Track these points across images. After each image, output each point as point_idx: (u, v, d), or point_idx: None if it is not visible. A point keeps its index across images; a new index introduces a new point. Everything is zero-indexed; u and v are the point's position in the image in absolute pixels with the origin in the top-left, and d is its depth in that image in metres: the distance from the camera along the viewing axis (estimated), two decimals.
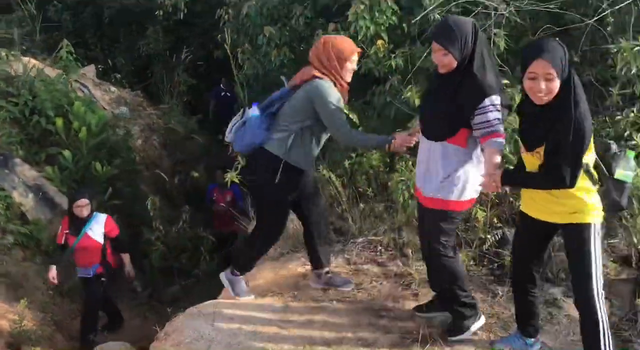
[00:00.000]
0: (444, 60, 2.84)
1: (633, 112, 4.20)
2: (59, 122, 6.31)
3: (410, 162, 4.49)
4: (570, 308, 3.57)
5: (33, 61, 7.63)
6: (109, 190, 6.35)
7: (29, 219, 5.96)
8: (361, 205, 4.76)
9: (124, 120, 8.07)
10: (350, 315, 3.51)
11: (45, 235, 5.96)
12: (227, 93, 9.61)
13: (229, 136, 3.56)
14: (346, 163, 4.87)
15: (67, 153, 6.20)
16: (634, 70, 3.97)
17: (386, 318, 3.48)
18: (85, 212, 5.22)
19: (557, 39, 4.85)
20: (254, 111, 3.46)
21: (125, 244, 5.68)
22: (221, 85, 9.69)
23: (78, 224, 5.25)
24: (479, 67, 2.83)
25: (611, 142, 2.91)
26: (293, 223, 4.82)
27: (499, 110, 2.81)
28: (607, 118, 4.39)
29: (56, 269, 5.33)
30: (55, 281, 5.35)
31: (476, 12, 4.75)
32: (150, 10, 10.84)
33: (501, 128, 2.83)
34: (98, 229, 5.31)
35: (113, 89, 9.29)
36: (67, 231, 5.30)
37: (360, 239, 4.47)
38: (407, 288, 3.85)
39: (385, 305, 3.62)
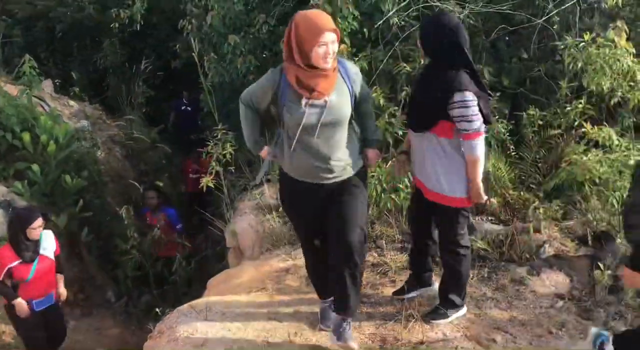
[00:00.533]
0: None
1: (581, 103, 4.57)
2: (26, 136, 6.28)
3: (379, 160, 4.74)
4: (535, 285, 3.88)
5: None
6: (80, 202, 6.36)
7: (0, 235, 5.92)
8: None
9: (89, 133, 8.05)
10: None
11: None
12: (188, 107, 9.50)
13: None
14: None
15: (35, 167, 6.17)
16: (580, 65, 4.33)
17: (367, 304, 3.69)
18: (39, 233, 4.56)
19: (508, 38, 5.22)
20: None
21: (61, 265, 4.97)
22: (183, 99, 9.59)
23: (31, 248, 4.56)
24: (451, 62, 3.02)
25: None
26: (269, 222, 5.02)
27: (468, 106, 2.94)
28: (557, 110, 4.75)
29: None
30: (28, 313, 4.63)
31: None
32: (103, 23, 10.80)
33: (477, 126, 2.97)
34: (50, 245, 4.71)
35: (72, 102, 9.23)
36: (16, 263, 4.49)
37: None
38: (384, 276, 4.07)
39: (365, 292, 3.83)
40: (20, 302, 4.58)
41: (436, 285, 3.60)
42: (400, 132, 4.82)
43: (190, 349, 3.16)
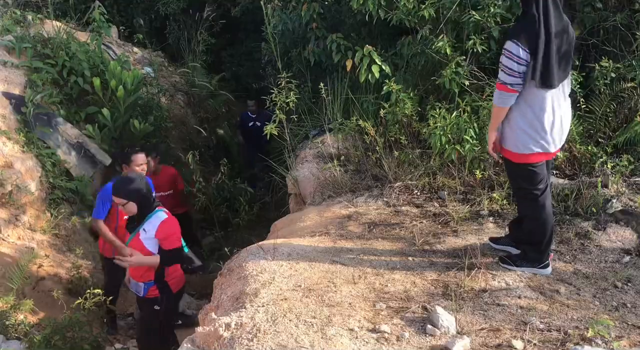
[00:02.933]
0: None
1: None
2: (97, 81, 6.50)
3: (443, 110, 4.71)
4: (600, 239, 3.85)
5: (60, 24, 7.76)
6: None
7: (73, 175, 6.22)
8: (395, 152, 4.99)
9: (154, 79, 8.24)
10: (397, 250, 3.78)
11: (88, 190, 6.24)
12: (257, 122, 7.98)
13: None
14: (381, 112, 5.07)
15: (105, 111, 6.41)
16: None
17: (430, 252, 3.76)
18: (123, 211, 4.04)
19: None
20: None
21: (168, 257, 4.12)
22: (248, 112, 8.31)
23: (133, 221, 4.12)
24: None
25: None
26: (330, 170, 5.09)
27: (506, 56, 3.01)
28: (633, 62, 4.57)
29: None
30: None
31: None
32: None
33: (504, 78, 3.03)
34: (151, 229, 3.99)
35: (136, 49, 9.41)
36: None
37: (397, 184, 4.72)
38: (446, 226, 4.12)
39: (428, 240, 3.90)
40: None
41: None
42: (467, 82, 4.76)
43: (259, 286, 3.30)
